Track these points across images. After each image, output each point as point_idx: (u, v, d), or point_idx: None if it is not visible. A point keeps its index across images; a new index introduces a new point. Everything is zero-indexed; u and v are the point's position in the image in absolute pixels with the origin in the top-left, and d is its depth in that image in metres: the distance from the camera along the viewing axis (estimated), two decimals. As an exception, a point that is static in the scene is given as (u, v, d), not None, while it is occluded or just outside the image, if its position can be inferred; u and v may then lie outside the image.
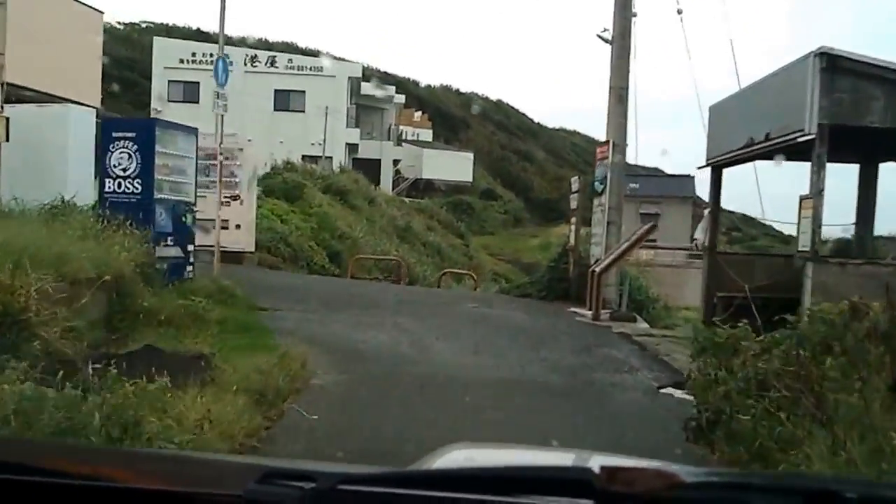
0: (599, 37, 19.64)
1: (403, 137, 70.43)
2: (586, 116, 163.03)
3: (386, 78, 74.24)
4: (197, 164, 16.86)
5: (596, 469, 1.65)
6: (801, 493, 1.70)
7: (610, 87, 19.51)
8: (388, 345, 12.85)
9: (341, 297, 17.89)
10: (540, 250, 59.51)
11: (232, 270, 19.28)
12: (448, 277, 27.88)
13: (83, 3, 30.12)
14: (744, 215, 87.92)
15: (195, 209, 16.40)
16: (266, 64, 59.62)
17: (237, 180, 22.51)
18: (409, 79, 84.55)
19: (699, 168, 16.18)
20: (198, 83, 57.57)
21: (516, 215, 72.80)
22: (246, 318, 13.68)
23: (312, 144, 57.02)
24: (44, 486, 1.82)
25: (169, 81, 58.23)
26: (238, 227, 22.28)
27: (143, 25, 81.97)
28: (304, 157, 51.10)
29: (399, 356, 12.13)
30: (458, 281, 29.15)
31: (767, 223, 55.19)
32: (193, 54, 58.77)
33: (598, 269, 17.27)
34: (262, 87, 57.81)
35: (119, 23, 77.28)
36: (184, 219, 15.89)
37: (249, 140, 23.93)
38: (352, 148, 61.27)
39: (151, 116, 58.40)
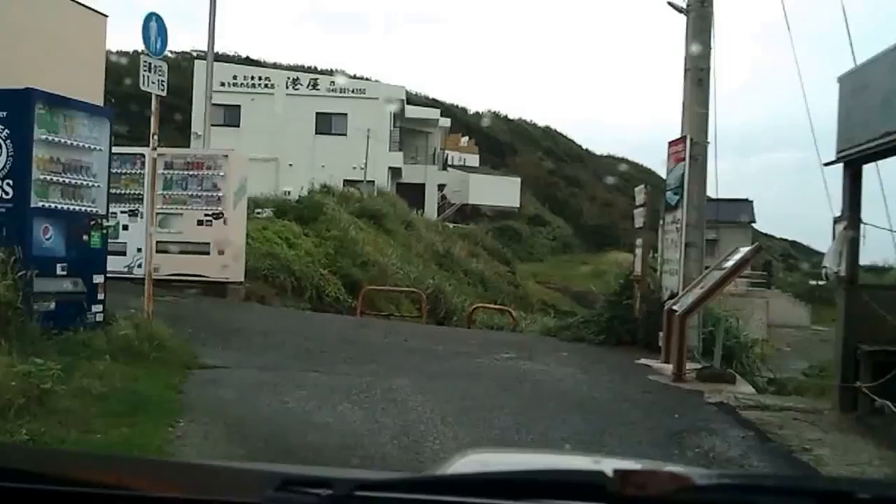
0: (671, 4, 14.31)
1: (449, 162, 65.32)
2: (635, 146, 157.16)
3: (433, 104, 69.31)
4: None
5: (609, 472, 1.61)
6: (813, 495, 1.62)
7: (685, 69, 14.14)
8: (362, 434, 7.60)
9: (331, 344, 12.66)
10: (591, 278, 53.82)
11: (197, 308, 14.19)
12: (480, 312, 22.32)
13: (86, 7, 25.59)
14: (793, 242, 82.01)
15: (106, 224, 11.20)
16: (308, 87, 54.84)
17: (220, 194, 17.40)
18: (456, 105, 79.74)
19: (826, 164, 10.64)
20: (238, 106, 53.29)
21: (565, 241, 67.20)
22: (154, 388, 8.50)
23: (354, 168, 52.00)
24: (64, 495, 1.74)
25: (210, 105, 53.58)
26: (221, 252, 17.13)
27: (195, 54, 78.08)
28: (345, 181, 46.09)
29: (371, 459, 6.86)
30: (494, 317, 23.55)
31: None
32: (234, 77, 54.38)
33: (678, 308, 11.83)
34: (304, 111, 53.08)
35: (171, 52, 73.55)
36: (87, 238, 10.73)
37: (232, 149, 18.75)
38: (395, 172, 56.23)
39: (192, 141, 54.99)
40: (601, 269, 56.16)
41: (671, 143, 14.24)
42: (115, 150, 12.27)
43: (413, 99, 64.45)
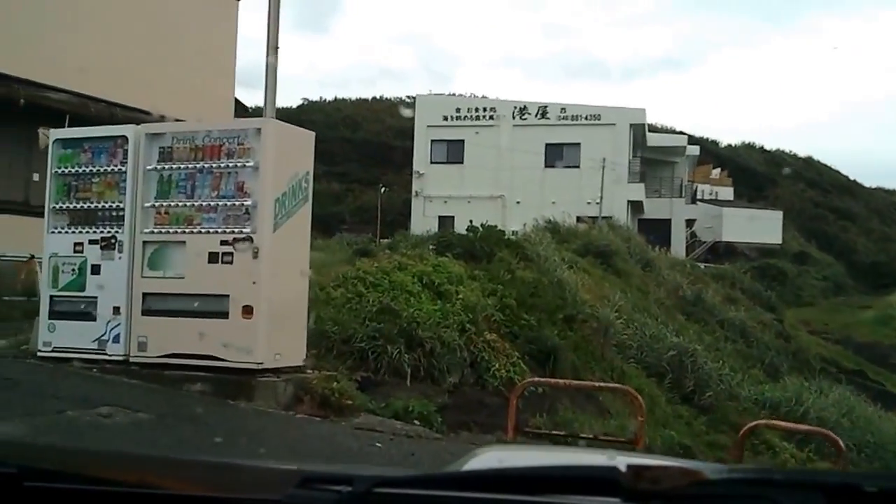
0: None
1: (699, 196, 54.14)
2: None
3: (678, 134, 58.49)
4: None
5: (622, 468, 1.53)
6: (822, 488, 1.54)
7: None
8: None
9: None
10: (877, 325, 41.67)
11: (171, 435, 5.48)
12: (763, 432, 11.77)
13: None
14: None
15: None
16: (536, 116, 45.81)
17: (248, 203, 8.46)
18: (706, 138, 68.22)
19: None
20: (462, 141, 45.14)
21: (837, 282, 53.89)
22: None
23: (588, 203, 42.38)
24: (88, 493, 1.70)
25: (431, 141, 45.95)
26: (247, 312, 8.16)
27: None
28: (578, 218, 36.45)
29: None
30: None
31: None
32: (458, 110, 46.31)
33: None
34: (533, 142, 44.12)
35: (408, 96, 67.45)
36: None
37: (271, 118, 9.84)
38: (635, 206, 45.91)
39: (413, 181, 47.51)
40: (888, 313, 43.26)
41: None
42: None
43: (655, 129, 54.14)
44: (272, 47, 10.22)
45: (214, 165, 8.69)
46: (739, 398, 18.67)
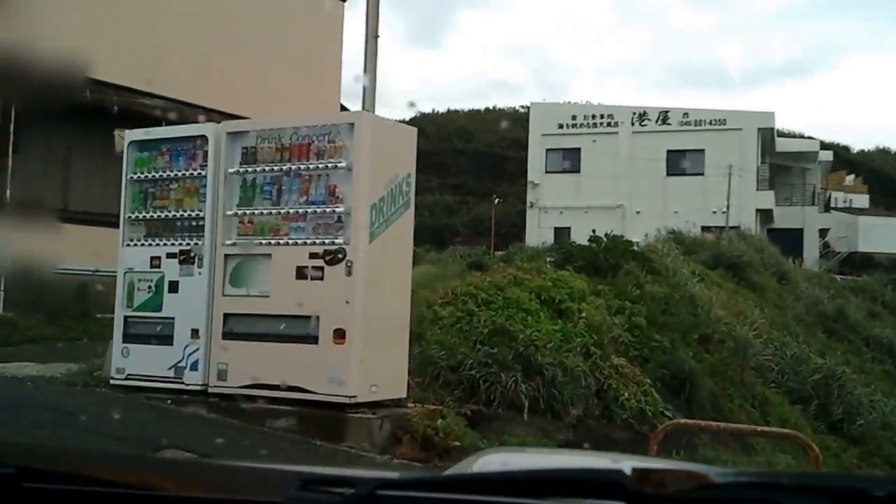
0: None
1: (832, 204, 50.89)
2: None
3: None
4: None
5: (627, 471, 1.50)
6: (829, 493, 1.51)
7: None
8: None
9: None
10: None
11: None
12: None
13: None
14: None
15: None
16: (657, 121, 43.73)
17: (340, 210, 7.30)
18: (837, 143, 64.52)
19: None
20: (578, 150, 43.54)
21: None
22: None
23: (714, 212, 40.15)
24: (89, 495, 1.67)
25: (546, 150, 44.44)
26: (339, 337, 6.99)
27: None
28: (703, 227, 34.40)
29: None
30: None
31: None
32: (574, 118, 44.62)
33: None
34: (653, 149, 42.10)
35: (522, 106, 66.11)
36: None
37: (366, 110, 8.63)
38: (765, 215, 43.27)
39: (528, 191, 46.04)
40: None
41: None
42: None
43: (783, 134, 51.22)
44: (372, 35, 9.09)
45: (303, 167, 7.56)
46: (894, 427, 16.62)
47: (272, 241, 7.63)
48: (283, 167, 7.63)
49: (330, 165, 7.42)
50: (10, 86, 12.10)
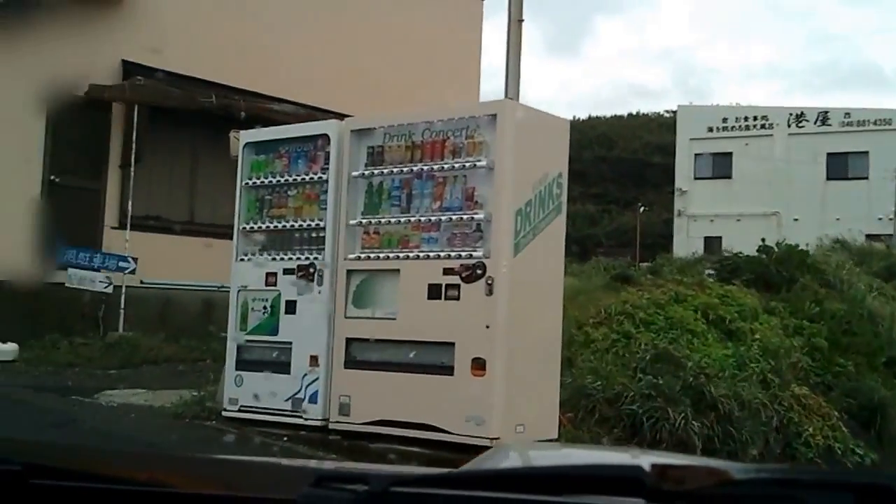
0: None
1: None
2: None
3: None
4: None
5: (646, 467, 1.44)
6: (851, 489, 1.47)
7: None
8: None
9: None
10: None
11: None
12: None
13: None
14: None
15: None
16: (815, 123, 40.96)
17: (479, 217, 6.18)
18: None
19: None
20: (729, 154, 41.33)
21: None
22: None
23: (879, 219, 37.29)
24: (100, 492, 1.63)
25: (695, 155, 42.36)
26: (479, 367, 5.87)
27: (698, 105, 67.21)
28: (867, 236, 31.83)
29: None
30: None
31: None
32: (724, 120, 42.37)
33: None
34: (811, 152, 39.49)
35: (667, 111, 63.80)
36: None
37: (509, 99, 7.43)
38: (940, 223, 39.88)
39: (675, 199, 43.89)
40: None
41: None
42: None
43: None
44: (515, 19, 7.98)
45: (436, 167, 6.47)
46: None
47: (400, 255, 6.58)
48: (414, 168, 6.56)
49: (468, 165, 6.30)
50: (134, 92, 11.60)
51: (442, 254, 6.37)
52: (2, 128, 10.93)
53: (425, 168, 6.53)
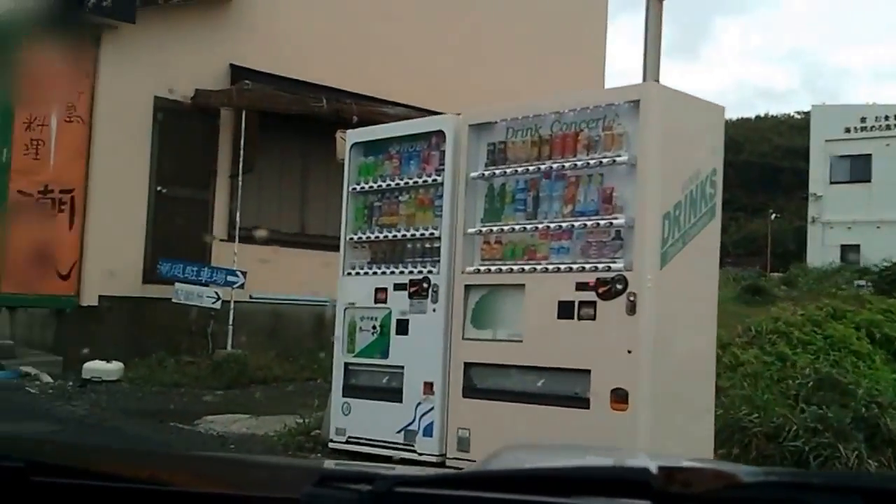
0: None
1: None
2: None
3: None
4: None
5: (653, 469, 1.35)
6: (860, 493, 1.37)
7: None
8: None
9: None
10: None
11: None
12: None
13: None
14: None
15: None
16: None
17: (619, 222, 5.28)
18: None
19: None
20: (868, 156, 38.98)
21: None
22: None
23: None
24: (101, 490, 1.61)
25: (830, 158, 40.09)
26: (619, 400, 4.97)
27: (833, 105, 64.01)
28: None
29: None
30: None
31: None
32: (863, 119, 39.97)
33: None
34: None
35: (797, 112, 60.91)
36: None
37: (655, 81, 6.41)
38: None
39: (809, 205, 41.59)
40: None
41: None
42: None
43: None
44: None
45: (568, 165, 5.61)
46: None
47: (526, 267, 5.73)
48: (542, 167, 5.72)
49: (605, 161, 5.42)
50: (241, 97, 11.15)
51: (575, 266, 5.49)
52: (111, 136, 10.64)
53: (555, 166, 5.68)
